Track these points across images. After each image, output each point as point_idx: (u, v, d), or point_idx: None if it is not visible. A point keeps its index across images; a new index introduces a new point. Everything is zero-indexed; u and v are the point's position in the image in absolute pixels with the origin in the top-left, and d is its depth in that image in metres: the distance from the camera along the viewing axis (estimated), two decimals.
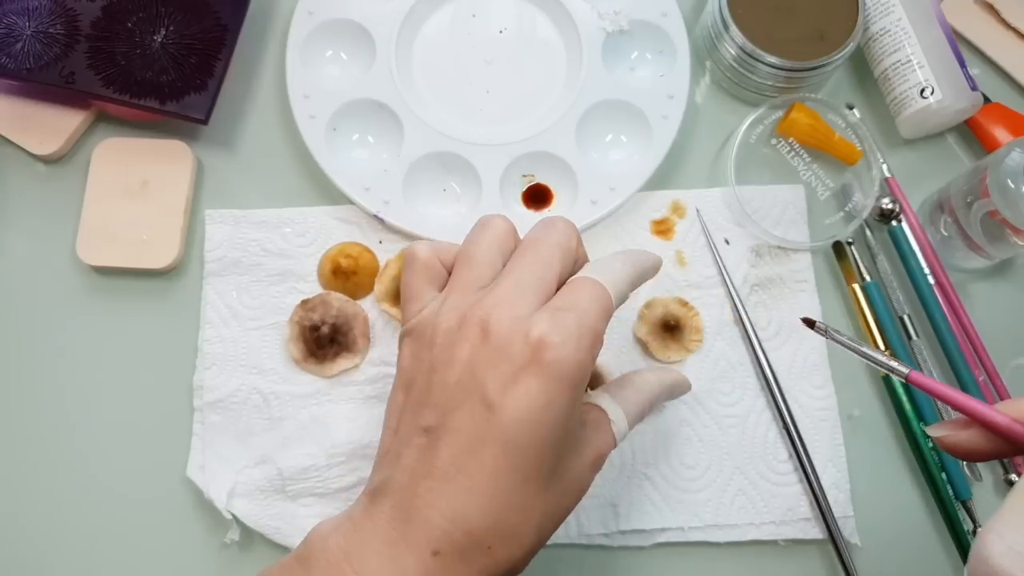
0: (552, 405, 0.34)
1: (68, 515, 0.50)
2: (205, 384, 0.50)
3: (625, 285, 0.38)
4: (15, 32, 0.52)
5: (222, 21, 0.53)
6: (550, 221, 0.39)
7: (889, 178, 0.55)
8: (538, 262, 0.37)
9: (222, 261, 0.52)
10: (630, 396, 0.40)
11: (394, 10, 0.55)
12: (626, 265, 0.39)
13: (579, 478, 0.37)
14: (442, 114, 0.55)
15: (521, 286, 0.36)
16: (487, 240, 0.39)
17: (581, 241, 0.40)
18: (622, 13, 0.55)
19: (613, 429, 0.39)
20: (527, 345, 0.34)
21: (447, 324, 0.36)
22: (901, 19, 0.55)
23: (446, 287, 0.39)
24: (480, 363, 0.34)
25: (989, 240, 0.51)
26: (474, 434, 0.34)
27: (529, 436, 0.34)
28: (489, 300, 0.36)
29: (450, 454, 0.34)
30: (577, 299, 0.36)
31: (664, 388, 0.43)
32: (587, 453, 0.37)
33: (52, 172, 0.55)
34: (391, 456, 0.36)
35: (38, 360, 0.52)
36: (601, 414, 0.39)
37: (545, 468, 0.34)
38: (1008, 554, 0.25)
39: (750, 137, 0.54)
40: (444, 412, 0.35)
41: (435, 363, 0.36)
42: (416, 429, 0.35)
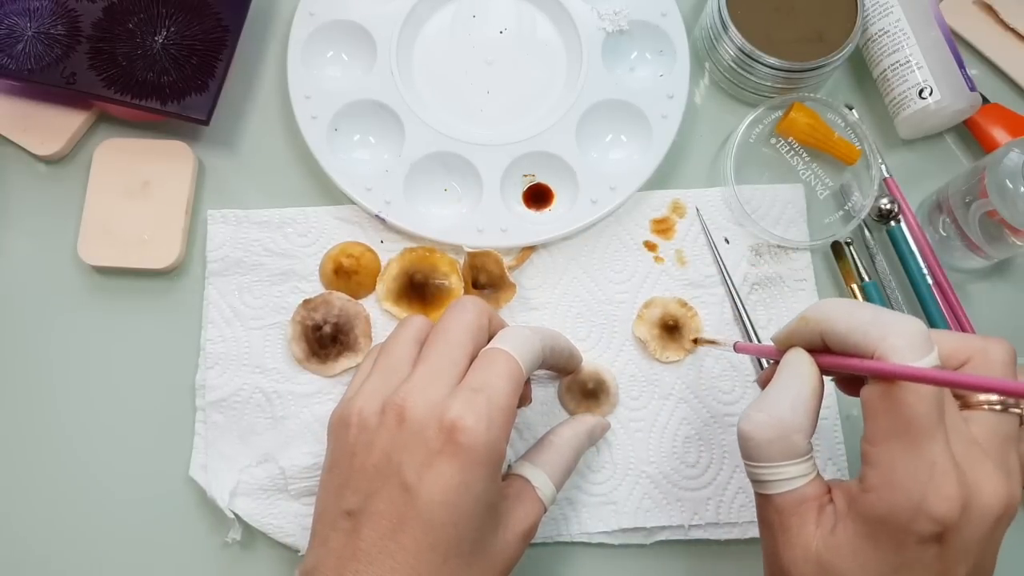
0: (468, 485, 0.35)
1: (70, 515, 0.50)
2: (207, 384, 0.50)
3: (535, 355, 0.40)
4: (16, 33, 0.52)
5: (223, 22, 0.53)
6: (460, 303, 0.41)
7: (888, 178, 0.55)
8: (449, 345, 0.39)
9: (224, 261, 0.52)
10: (551, 459, 0.42)
11: (395, 11, 0.55)
12: (536, 334, 0.41)
13: (505, 551, 0.38)
14: (443, 114, 0.55)
15: (434, 371, 0.38)
16: (404, 334, 0.41)
17: (494, 313, 0.42)
18: (622, 13, 0.56)
19: (539, 495, 0.40)
20: (441, 429, 0.36)
21: (367, 410, 0.38)
22: (900, 20, 0.55)
23: (363, 374, 0.41)
24: (397, 448, 0.36)
25: (987, 240, 0.51)
26: (394, 517, 0.36)
27: (447, 516, 0.35)
28: (405, 387, 0.38)
29: (373, 537, 0.36)
30: (488, 376, 0.38)
31: (582, 438, 0.45)
32: (513, 525, 0.39)
33: (53, 172, 0.55)
34: (319, 539, 0.38)
35: (39, 360, 0.52)
36: (524, 484, 0.41)
37: (466, 545, 0.36)
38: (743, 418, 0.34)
39: (749, 137, 0.55)
40: (365, 496, 0.36)
41: (356, 448, 0.38)
42: (340, 513, 0.37)
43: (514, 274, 0.52)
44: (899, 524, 0.30)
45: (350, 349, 0.50)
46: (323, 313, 0.51)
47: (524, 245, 0.53)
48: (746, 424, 0.34)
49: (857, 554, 0.32)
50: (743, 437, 0.34)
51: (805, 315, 0.35)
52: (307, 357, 0.50)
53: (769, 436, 0.33)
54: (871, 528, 0.31)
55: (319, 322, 0.50)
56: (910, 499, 0.30)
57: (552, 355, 0.43)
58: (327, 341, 0.50)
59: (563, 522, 0.49)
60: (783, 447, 0.33)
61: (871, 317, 0.32)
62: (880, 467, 0.31)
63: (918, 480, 0.30)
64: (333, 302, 0.51)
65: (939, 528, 0.30)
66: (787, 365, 0.35)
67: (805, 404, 0.34)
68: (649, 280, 0.53)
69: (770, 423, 0.33)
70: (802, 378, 0.34)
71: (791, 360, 0.35)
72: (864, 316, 0.33)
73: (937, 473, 0.30)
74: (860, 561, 0.31)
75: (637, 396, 0.51)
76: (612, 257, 0.53)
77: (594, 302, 0.53)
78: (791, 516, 0.34)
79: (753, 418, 0.34)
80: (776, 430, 0.33)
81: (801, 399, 0.34)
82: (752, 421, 0.34)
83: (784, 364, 0.35)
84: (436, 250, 0.52)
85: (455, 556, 0.35)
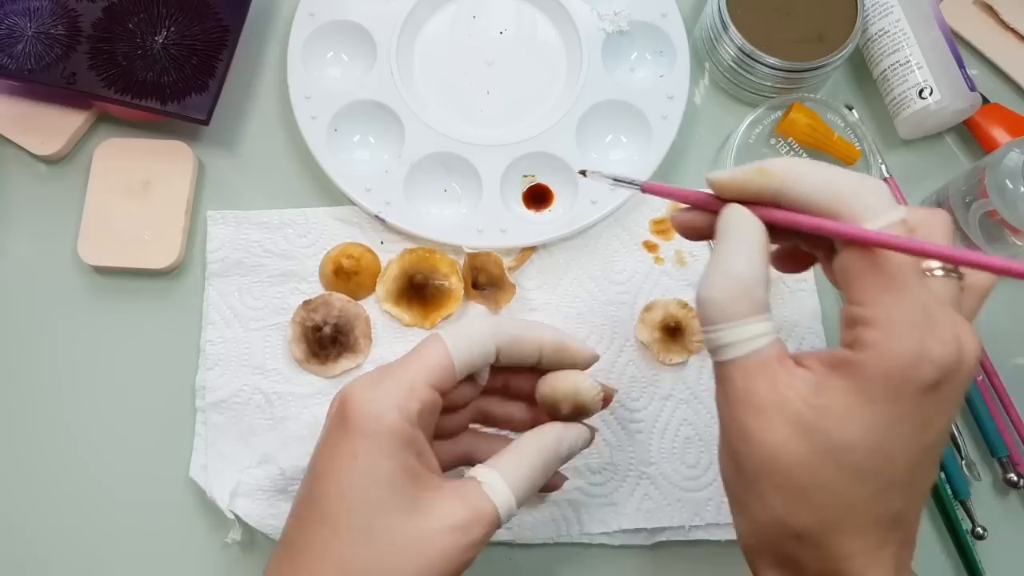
0: (353, 457, 0.35)
1: (70, 515, 0.50)
2: (208, 384, 0.50)
3: (474, 344, 0.39)
4: (16, 33, 0.52)
5: (223, 22, 0.53)
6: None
7: (888, 178, 0.55)
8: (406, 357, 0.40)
9: (224, 262, 0.52)
10: (509, 459, 0.39)
11: (395, 11, 0.55)
12: (488, 327, 0.40)
13: (427, 541, 0.35)
14: (443, 115, 0.55)
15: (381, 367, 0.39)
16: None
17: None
18: (622, 14, 0.56)
19: (487, 491, 0.37)
20: (336, 405, 0.37)
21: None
22: (900, 20, 0.55)
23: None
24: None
25: (987, 240, 0.51)
26: (300, 500, 0.37)
27: (331, 487, 0.35)
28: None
29: (290, 523, 0.37)
30: (406, 358, 0.38)
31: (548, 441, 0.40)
32: (440, 516, 0.36)
33: (53, 172, 0.55)
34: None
35: (39, 360, 0.52)
36: (469, 480, 0.38)
37: (361, 521, 0.35)
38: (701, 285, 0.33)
39: (749, 137, 0.55)
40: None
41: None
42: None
43: (514, 275, 0.52)
44: (901, 376, 0.30)
45: (350, 350, 0.50)
46: (323, 314, 0.51)
47: (524, 246, 0.53)
48: (706, 289, 0.33)
49: (851, 412, 0.31)
50: (705, 302, 0.33)
51: (767, 168, 0.33)
52: (307, 358, 0.50)
53: (731, 293, 0.32)
54: (870, 386, 0.30)
55: (319, 323, 0.50)
56: (912, 348, 0.30)
57: (514, 349, 0.41)
58: (327, 342, 0.50)
59: (563, 523, 0.49)
60: (748, 303, 0.32)
61: (841, 176, 0.32)
62: (876, 323, 0.30)
63: (917, 327, 0.30)
64: (333, 303, 0.51)
65: (940, 374, 0.30)
66: (732, 225, 0.34)
67: (760, 256, 0.33)
68: (649, 281, 0.53)
69: (731, 281, 0.32)
70: (750, 233, 0.33)
71: (736, 219, 0.34)
72: (834, 174, 0.32)
73: (933, 319, 0.30)
74: (854, 419, 0.31)
75: (637, 397, 0.51)
76: (612, 258, 0.53)
77: (594, 303, 0.53)
78: (758, 378, 0.32)
79: (713, 281, 0.33)
80: (739, 287, 0.32)
81: (755, 252, 0.33)
82: (713, 284, 0.33)
83: (728, 225, 0.34)
84: (436, 251, 0.52)
85: (348, 531, 0.35)
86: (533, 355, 0.41)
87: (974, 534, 0.50)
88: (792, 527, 0.32)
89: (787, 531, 0.32)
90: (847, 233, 0.31)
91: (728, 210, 0.34)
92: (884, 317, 0.30)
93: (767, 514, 0.33)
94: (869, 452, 0.31)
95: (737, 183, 0.34)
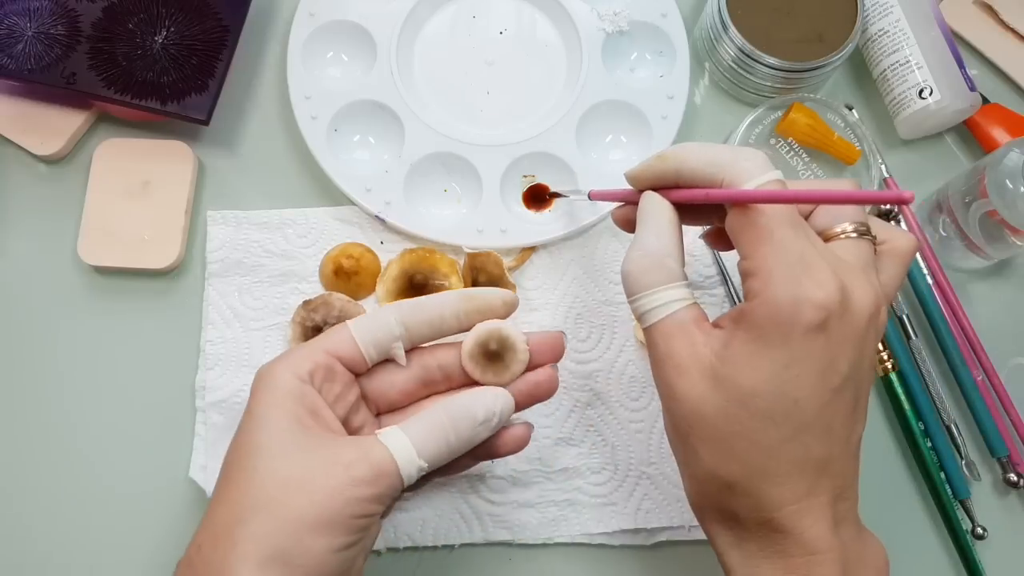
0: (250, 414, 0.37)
1: (70, 515, 0.50)
2: (208, 384, 0.50)
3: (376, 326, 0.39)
4: (16, 33, 0.52)
5: (223, 22, 0.53)
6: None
7: (888, 178, 0.55)
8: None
9: (224, 262, 0.52)
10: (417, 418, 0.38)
11: (395, 11, 0.55)
12: (390, 309, 0.40)
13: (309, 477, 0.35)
14: (443, 115, 0.55)
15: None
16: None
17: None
18: (622, 14, 0.56)
19: (382, 440, 0.36)
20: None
21: None
22: (900, 20, 0.55)
23: None
24: None
25: (987, 240, 0.51)
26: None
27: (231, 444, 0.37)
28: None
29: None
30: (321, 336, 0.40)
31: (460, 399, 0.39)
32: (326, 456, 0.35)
33: (53, 172, 0.55)
34: None
35: (39, 360, 0.52)
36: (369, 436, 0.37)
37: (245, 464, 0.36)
38: (623, 261, 0.37)
39: (749, 137, 0.55)
40: None
41: None
42: None
43: (514, 275, 0.52)
44: (785, 318, 0.33)
45: None
46: (323, 314, 0.51)
47: (524, 246, 0.53)
48: (625, 264, 0.37)
49: (751, 359, 0.33)
50: (624, 276, 0.37)
51: (662, 153, 0.38)
52: None
53: (644, 265, 0.36)
54: (761, 332, 0.33)
55: (319, 323, 0.50)
56: (789, 291, 0.33)
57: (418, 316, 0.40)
58: None
59: (563, 523, 0.49)
60: (659, 273, 0.36)
61: (724, 151, 0.36)
62: (758, 273, 0.34)
63: (793, 272, 0.33)
64: (333, 303, 0.51)
65: (822, 314, 0.32)
66: (644, 209, 0.38)
67: (668, 231, 0.37)
68: None
69: (642, 255, 0.37)
70: (658, 212, 0.38)
71: (646, 202, 0.38)
72: (715, 149, 0.37)
73: (808, 264, 0.33)
74: (754, 365, 0.33)
75: (637, 397, 0.51)
76: (612, 258, 0.53)
77: (594, 303, 0.53)
78: (676, 339, 0.36)
79: (629, 256, 0.37)
80: (649, 259, 0.36)
81: (663, 228, 0.37)
82: (630, 259, 0.37)
83: (641, 209, 0.38)
84: (436, 251, 0.52)
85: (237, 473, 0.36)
86: (444, 317, 0.40)
87: (974, 534, 0.50)
88: (723, 478, 0.35)
89: (720, 483, 0.35)
90: (722, 195, 0.36)
91: (642, 197, 0.39)
92: (763, 266, 0.34)
93: (701, 468, 0.36)
94: (773, 396, 0.33)
95: (644, 172, 0.39)
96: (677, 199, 0.38)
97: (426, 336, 0.40)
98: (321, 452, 0.36)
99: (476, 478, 0.49)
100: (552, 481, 0.49)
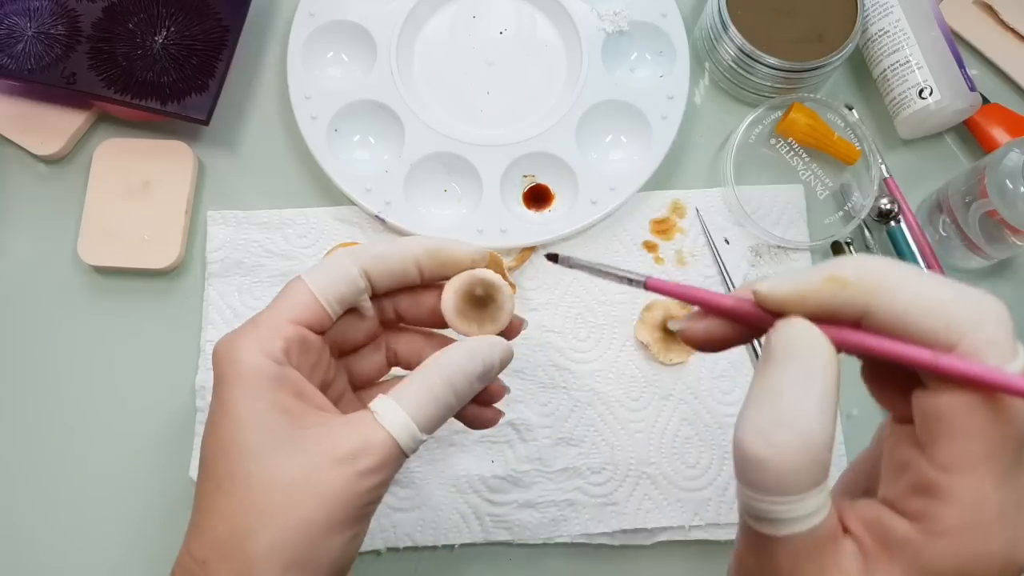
0: (223, 404, 0.33)
1: (70, 515, 0.50)
2: (208, 385, 0.50)
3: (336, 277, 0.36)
4: (16, 33, 0.52)
5: (223, 22, 0.53)
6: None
7: (888, 178, 0.55)
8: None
9: (224, 262, 0.52)
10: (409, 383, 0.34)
11: (395, 11, 0.55)
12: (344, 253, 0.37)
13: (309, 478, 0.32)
14: (443, 115, 0.55)
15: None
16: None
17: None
18: (622, 14, 0.56)
19: (380, 421, 0.33)
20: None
21: None
22: (900, 20, 0.55)
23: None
24: None
25: (988, 240, 0.51)
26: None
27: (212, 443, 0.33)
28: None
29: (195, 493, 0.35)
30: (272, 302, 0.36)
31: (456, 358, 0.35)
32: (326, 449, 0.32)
33: (53, 172, 0.55)
34: None
35: (39, 360, 0.52)
36: (362, 412, 0.34)
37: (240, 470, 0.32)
38: (752, 435, 0.25)
39: (749, 137, 0.55)
40: None
41: None
42: None
43: (514, 275, 0.52)
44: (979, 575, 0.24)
45: None
46: None
47: (524, 246, 0.53)
48: (759, 446, 0.24)
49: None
50: (756, 464, 0.25)
51: (842, 276, 0.25)
52: None
53: (800, 461, 0.24)
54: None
55: None
56: (1002, 546, 0.23)
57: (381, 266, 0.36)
58: None
59: (563, 523, 0.49)
60: (816, 471, 0.24)
61: (952, 294, 0.24)
62: (962, 504, 0.24)
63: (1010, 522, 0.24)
64: None
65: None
66: (794, 354, 0.25)
67: (834, 403, 0.25)
68: None
69: (800, 443, 0.24)
70: (825, 370, 0.25)
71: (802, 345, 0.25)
72: (942, 292, 0.24)
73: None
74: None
75: (637, 397, 0.51)
76: (612, 258, 0.53)
77: (594, 303, 0.53)
78: (808, 562, 0.25)
79: (773, 437, 0.24)
80: (808, 451, 0.24)
81: (828, 395, 0.25)
82: (772, 442, 0.24)
83: (788, 352, 0.25)
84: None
85: (229, 482, 0.32)
86: (407, 270, 0.37)
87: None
88: None
89: None
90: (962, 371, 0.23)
91: (789, 328, 0.26)
92: (976, 499, 0.24)
93: None
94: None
95: (795, 297, 0.26)
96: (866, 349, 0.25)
97: (386, 288, 0.37)
98: (318, 445, 0.32)
99: (476, 478, 0.49)
100: (552, 481, 0.49)
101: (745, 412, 0.25)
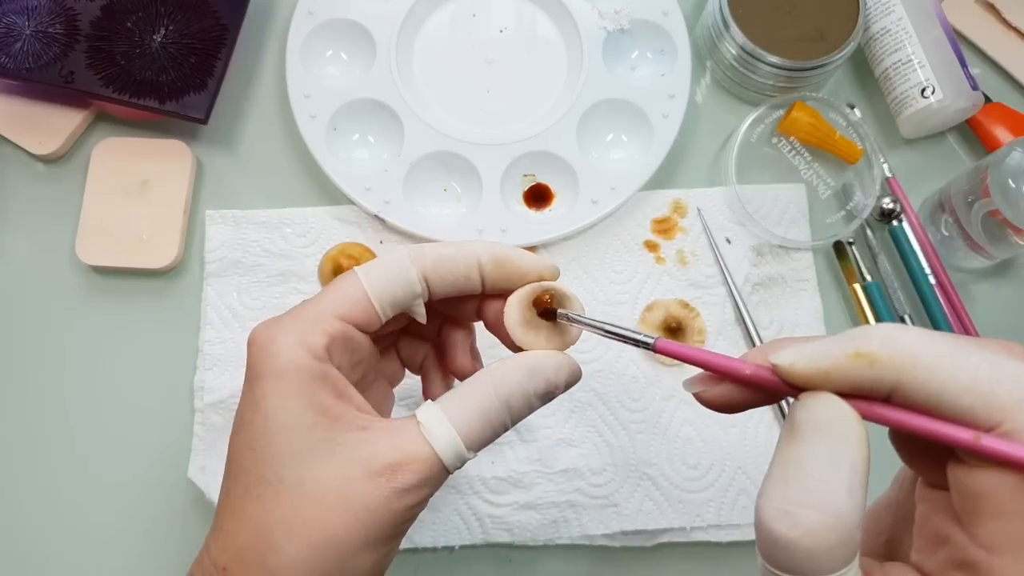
0: (257, 402, 0.31)
1: (69, 515, 0.49)
2: (206, 385, 0.50)
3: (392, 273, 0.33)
4: (14, 31, 0.52)
5: (222, 20, 0.53)
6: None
7: (890, 177, 0.55)
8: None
9: (223, 262, 0.52)
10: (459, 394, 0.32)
11: (394, 10, 0.55)
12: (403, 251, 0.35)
13: (343, 488, 0.30)
14: (443, 114, 0.55)
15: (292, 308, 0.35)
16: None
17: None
18: (623, 12, 0.55)
19: (422, 431, 0.31)
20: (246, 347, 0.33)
21: None
22: (902, 19, 0.55)
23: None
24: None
25: (990, 240, 0.51)
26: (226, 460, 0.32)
27: (241, 441, 0.31)
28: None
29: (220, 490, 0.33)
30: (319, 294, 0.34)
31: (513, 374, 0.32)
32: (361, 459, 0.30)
33: (51, 172, 0.55)
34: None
35: (37, 360, 0.52)
36: (404, 419, 0.32)
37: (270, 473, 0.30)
38: (777, 515, 0.24)
39: (751, 136, 0.54)
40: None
41: None
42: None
43: None
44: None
45: None
46: None
47: (524, 246, 0.53)
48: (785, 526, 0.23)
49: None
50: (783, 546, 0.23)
51: (869, 352, 0.24)
52: None
53: (830, 541, 0.23)
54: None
55: None
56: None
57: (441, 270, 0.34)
58: None
59: (564, 524, 0.49)
60: (847, 549, 0.23)
61: (989, 371, 0.23)
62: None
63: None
64: None
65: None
66: (823, 425, 0.24)
67: (864, 481, 0.24)
68: (650, 281, 0.53)
69: (831, 524, 0.23)
70: (855, 449, 0.24)
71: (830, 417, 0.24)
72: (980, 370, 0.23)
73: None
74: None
75: (638, 397, 0.51)
76: (613, 257, 0.53)
77: (595, 303, 0.52)
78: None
79: (799, 517, 0.23)
80: (839, 532, 0.23)
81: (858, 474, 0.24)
82: (802, 524, 0.23)
83: (816, 421, 0.24)
84: None
85: (258, 486, 0.30)
86: (471, 277, 0.34)
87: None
88: None
89: None
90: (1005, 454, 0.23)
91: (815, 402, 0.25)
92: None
93: None
94: None
95: (818, 375, 0.25)
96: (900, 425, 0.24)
97: (443, 295, 0.34)
98: (356, 452, 0.30)
99: (476, 479, 0.49)
100: (552, 482, 0.49)
101: (768, 489, 0.24)
